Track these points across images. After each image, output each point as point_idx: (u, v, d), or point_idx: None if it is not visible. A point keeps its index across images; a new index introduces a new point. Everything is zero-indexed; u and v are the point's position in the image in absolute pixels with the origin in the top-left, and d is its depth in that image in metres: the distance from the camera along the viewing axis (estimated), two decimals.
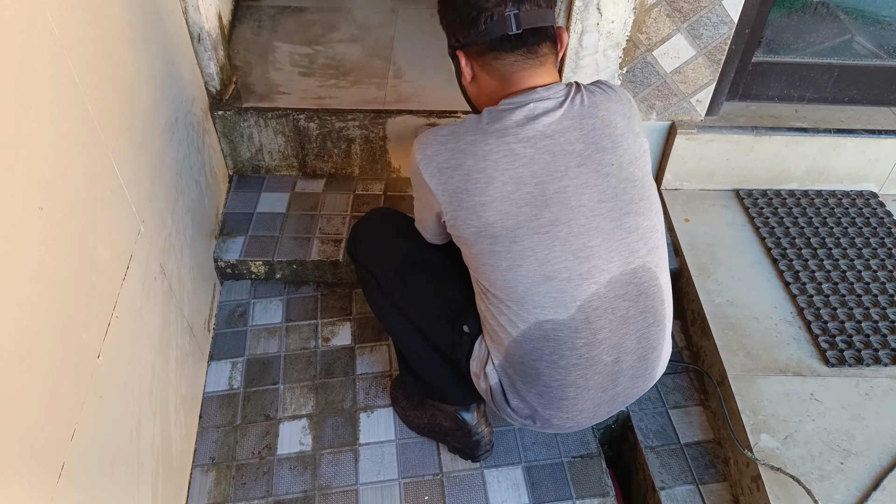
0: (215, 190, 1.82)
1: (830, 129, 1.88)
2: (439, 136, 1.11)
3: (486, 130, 1.07)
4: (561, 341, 1.11)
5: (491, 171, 1.06)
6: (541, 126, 1.07)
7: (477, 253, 1.11)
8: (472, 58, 1.13)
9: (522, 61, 1.09)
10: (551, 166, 1.06)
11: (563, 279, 1.08)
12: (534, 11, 1.07)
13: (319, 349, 1.69)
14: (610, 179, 1.09)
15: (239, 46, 2.11)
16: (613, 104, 1.12)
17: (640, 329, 1.15)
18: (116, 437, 1.08)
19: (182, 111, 1.56)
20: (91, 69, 1.06)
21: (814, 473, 1.33)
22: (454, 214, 1.10)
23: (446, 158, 1.08)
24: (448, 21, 1.14)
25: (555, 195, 1.06)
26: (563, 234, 1.07)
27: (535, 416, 1.20)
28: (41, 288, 0.88)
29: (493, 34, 1.07)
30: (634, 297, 1.13)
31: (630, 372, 1.18)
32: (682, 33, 1.68)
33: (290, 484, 1.43)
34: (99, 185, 1.07)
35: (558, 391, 1.15)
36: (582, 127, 1.08)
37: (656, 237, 1.15)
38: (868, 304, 1.63)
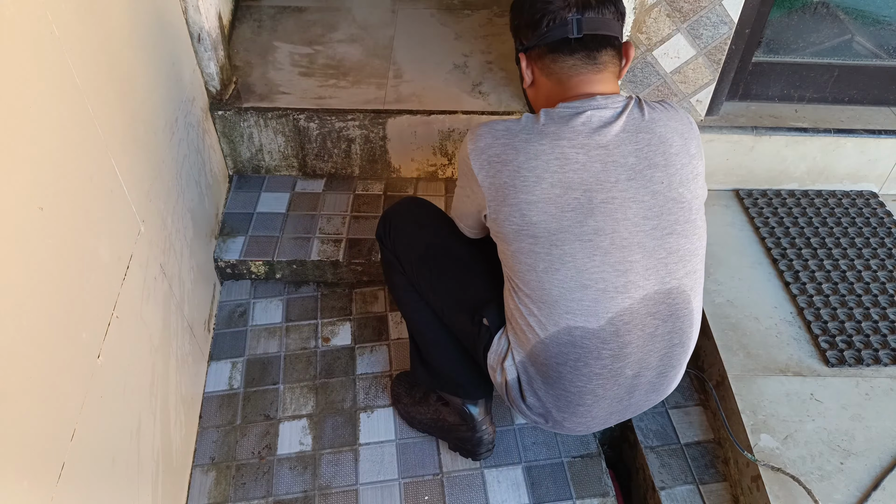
0: (215, 190, 1.82)
1: (830, 129, 1.88)
2: (494, 129, 1.11)
3: (541, 131, 1.08)
4: (587, 349, 1.11)
5: (541, 171, 1.06)
6: (596, 134, 1.07)
7: (515, 251, 1.11)
8: (533, 60, 1.15)
9: (581, 66, 1.11)
10: (601, 176, 1.07)
11: (599, 289, 1.08)
12: (597, 18, 1.09)
13: (319, 349, 1.69)
14: (658, 197, 1.09)
15: (239, 46, 2.11)
16: (673, 122, 1.12)
17: (664, 348, 1.16)
18: (116, 437, 1.08)
19: (182, 111, 1.56)
20: (91, 69, 1.06)
21: (814, 473, 1.33)
22: (497, 209, 1.10)
23: (498, 153, 1.09)
24: (515, 25, 1.17)
25: (601, 205, 1.06)
26: (605, 244, 1.07)
27: (547, 416, 1.21)
28: (41, 288, 0.88)
29: (554, 37, 1.09)
30: (665, 316, 1.13)
31: (647, 387, 1.19)
32: (682, 33, 1.68)
33: (290, 484, 1.43)
34: (99, 185, 1.07)
35: (576, 397, 1.16)
36: (637, 141, 1.09)
37: (695, 261, 1.15)
38: (868, 304, 1.63)
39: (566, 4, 1.09)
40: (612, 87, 1.14)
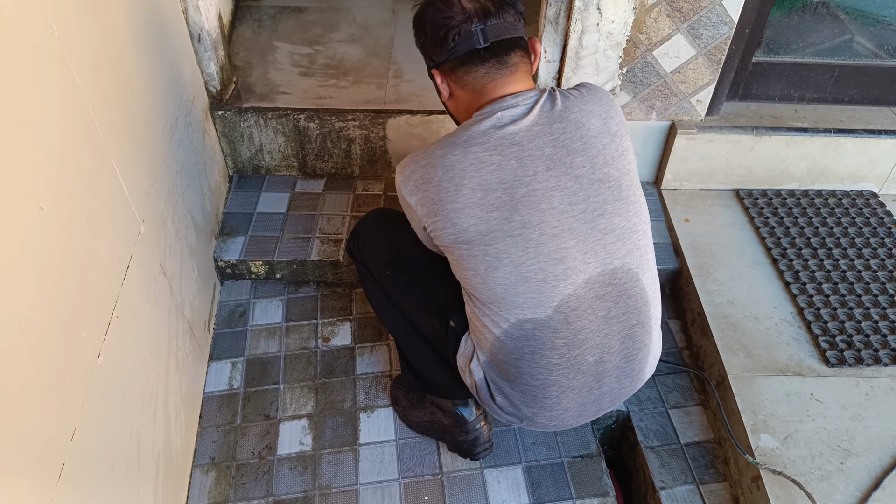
0: (215, 190, 1.82)
1: (830, 129, 1.88)
2: (415, 156, 1.16)
3: (453, 143, 1.11)
4: (541, 341, 1.13)
5: (459, 179, 1.09)
6: (507, 133, 1.10)
7: (457, 259, 1.15)
8: (447, 75, 1.18)
9: (493, 72, 1.14)
10: (519, 172, 1.09)
11: (540, 280, 1.10)
12: (500, 24, 1.12)
13: (319, 349, 1.69)
14: (581, 181, 1.10)
15: (239, 46, 2.11)
16: (589, 106, 1.14)
17: (623, 330, 1.17)
18: (116, 437, 1.08)
19: (182, 111, 1.56)
20: (91, 69, 1.06)
21: (814, 473, 1.33)
22: (433, 224, 1.14)
23: (420, 175, 1.13)
24: (422, 43, 1.19)
25: (523, 199, 1.09)
26: (534, 236, 1.09)
27: (519, 414, 1.23)
28: (41, 288, 0.88)
29: (463, 49, 1.12)
30: (615, 297, 1.14)
31: (615, 372, 1.20)
32: (683, 33, 1.68)
33: (290, 484, 1.43)
34: (99, 185, 1.07)
35: (540, 390, 1.17)
36: (552, 132, 1.11)
37: (636, 237, 1.16)
38: (868, 304, 1.63)
39: (467, 16, 1.11)
40: (524, 85, 1.16)
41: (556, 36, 1.72)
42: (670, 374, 1.64)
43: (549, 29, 1.71)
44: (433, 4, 1.14)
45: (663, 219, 1.91)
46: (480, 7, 1.11)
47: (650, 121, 1.87)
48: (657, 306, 1.23)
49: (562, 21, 1.69)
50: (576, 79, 1.77)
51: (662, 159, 1.95)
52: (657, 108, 1.84)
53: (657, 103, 1.83)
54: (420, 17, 1.17)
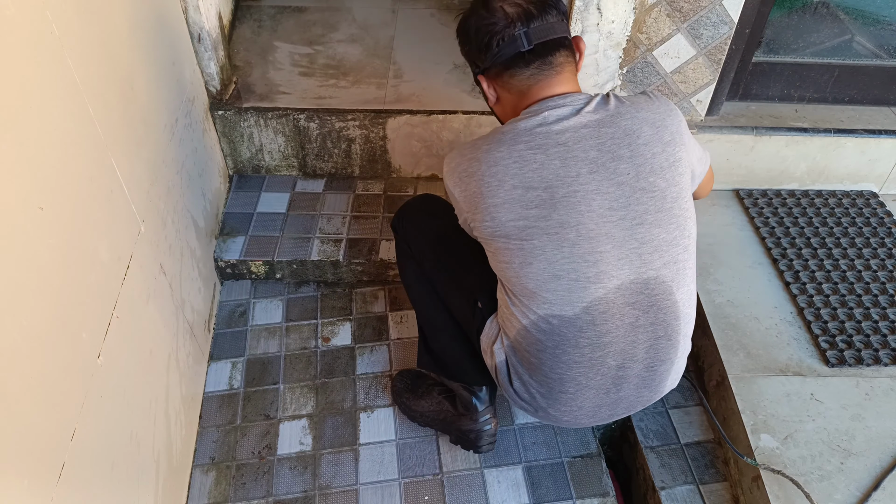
0: (215, 190, 1.82)
1: (830, 129, 1.88)
2: (462, 148, 1.18)
3: (500, 139, 1.12)
4: (564, 338, 1.14)
5: (502, 175, 1.10)
6: (554, 132, 1.10)
7: (494, 251, 1.16)
8: (493, 80, 1.19)
9: (538, 74, 1.14)
10: (561, 172, 1.09)
11: (572, 279, 1.11)
12: (543, 25, 1.12)
13: (319, 349, 1.69)
14: (624, 188, 1.10)
15: (239, 46, 2.11)
16: (643, 113, 1.13)
17: (649, 339, 1.16)
18: (116, 437, 1.08)
19: (182, 111, 1.56)
20: (91, 69, 1.06)
21: (814, 473, 1.33)
22: (473, 217, 1.15)
23: (465, 167, 1.15)
24: (467, 51, 1.21)
25: (563, 199, 1.09)
26: (571, 236, 1.09)
27: (534, 403, 1.23)
28: (41, 288, 0.88)
29: (507, 54, 1.13)
30: (645, 307, 1.14)
31: (636, 380, 1.20)
32: (683, 33, 1.68)
33: (290, 484, 1.43)
34: (99, 185, 1.07)
35: (558, 384, 1.18)
36: (599, 135, 1.11)
37: (675, 251, 1.14)
38: (868, 304, 1.63)
39: (510, 21, 1.11)
40: (571, 86, 1.17)
41: None
42: None
43: None
44: (476, 12, 1.15)
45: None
46: (523, 10, 1.12)
47: None
48: (688, 323, 1.21)
49: None
50: None
51: None
52: None
53: None
54: (463, 26, 1.18)
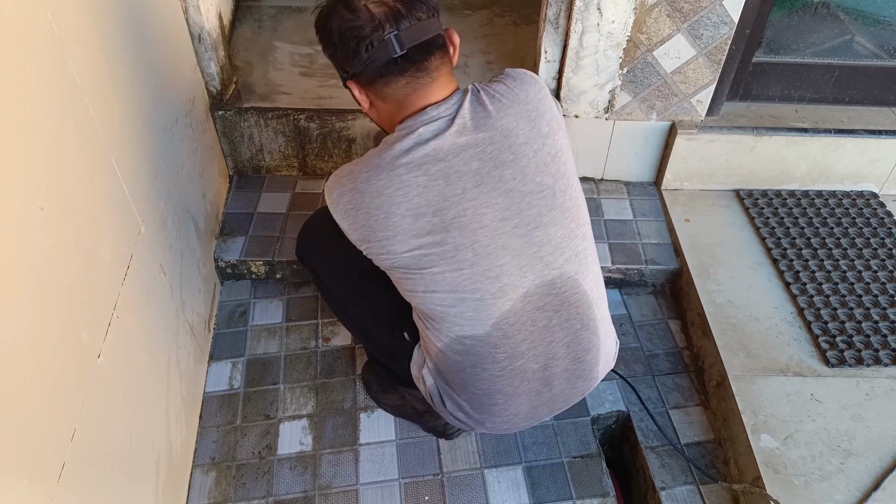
0: (216, 190, 1.82)
1: (831, 130, 1.87)
2: (340, 178, 1.09)
3: (377, 165, 1.05)
4: (480, 356, 1.13)
5: (387, 206, 1.04)
6: (431, 150, 1.03)
7: (398, 279, 1.14)
8: (365, 87, 1.09)
9: (413, 82, 1.05)
10: (447, 191, 1.04)
11: (476, 299, 1.08)
12: (415, 27, 1.02)
13: (320, 349, 1.69)
14: (513, 195, 1.05)
15: (239, 46, 2.11)
16: (515, 107, 1.07)
17: (567, 335, 1.15)
18: (117, 437, 1.08)
19: (182, 111, 1.56)
20: (91, 69, 1.06)
21: (814, 474, 1.33)
22: (367, 248, 1.10)
23: (348, 199, 1.07)
24: (331, 53, 1.09)
25: (454, 220, 1.04)
26: (468, 256, 1.05)
27: (469, 420, 1.23)
28: (41, 288, 0.88)
29: (379, 61, 1.03)
30: (556, 307, 1.12)
31: (564, 375, 1.19)
32: (683, 33, 1.68)
33: (290, 484, 1.43)
34: (99, 184, 1.07)
35: (486, 398, 1.17)
36: (478, 143, 1.04)
37: (574, 244, 1.12)
38: (868, 304, 1.63)
39: (377, 23, 1.00)
40: (447, 89, 1.08)
41: (556, 36, 1.72)
42: (670, 374, 1.64)
43: (550, 29, 1.71)
44: (337, 11, 1.03)
45: (663, 219, 1.91)
46: (390, 10, 1.01)
47: (650, 121, 1.87)
48: (602, 306, 1.20)
49: (562, 21, 1.68)
50: (576, 79, 1.77)
51: (663, 159, 1.95)
52: (657, 108, 1.84)
53: (657, 103, 1.83)
54: (325, 26, 1.06)
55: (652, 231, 1.88)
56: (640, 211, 1.94)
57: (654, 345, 1.71)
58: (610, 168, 1.98)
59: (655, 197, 1.97)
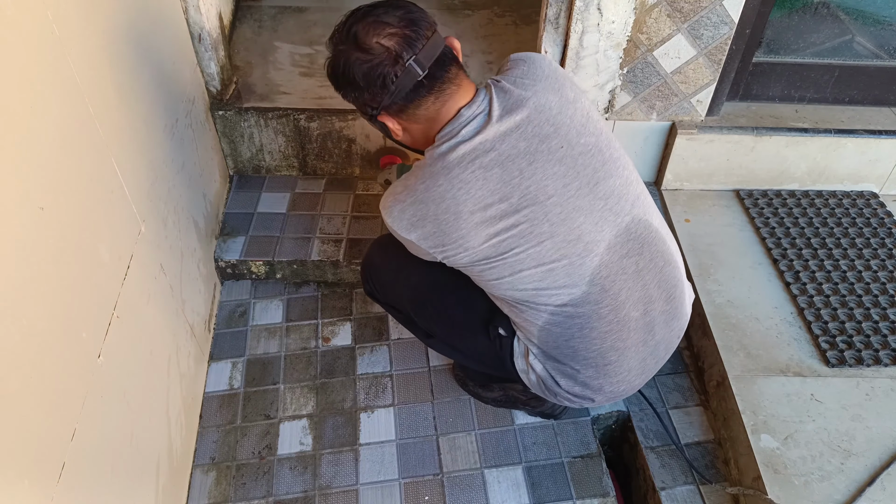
0: (216, 190, 1.82)
1: (831, 130, 1.87)
2: (397, 196, 1.12)
3: (432, 174, 1.09)
4: (586, 316, 1.15)
5: (454, 207, 1.08)
6: (478, 144, 1.07)
7: (479, 273, 1.15)
8: (395, 115, 1.12)
9: (441, 95, 1.09)
10: (505, 177, 1.07)
11: (565, 264, 1.11)
12: (427, 46, 1.05)
13: (320, 349, 1.69)
14: (566, 161, 1.10)
15: (239, 46, 2.11)
16: (538, 83, 1.12)
17: (655, 275, 1.19)
18: (117, 437, 1.08)
19: (182, 111, 1.56)
20: (92, 69, 1.06)
21: (814, 474, 1.33)
22: (444, 252, 1.13)
23: (412, 213, 1.11)
24: (356, 97, 1.11)
25: (521, 200, 1.08)
26: (545, 228, 1.09)
27: (588, 392, 1.24)
28: (42, 288, 0.88)
29: (406, 87, 1.06)
30: (638, 250, 1.16)
31: (662, 318, 1.22)
32: (683, 33, 1.68)
33: (290, 484, 1.43)
34: (99, 184, 1.07)
35: (599, 359, 1.19)
36: (517, 125, 1.08)
37: (632, 188, 1.17)
38: (868, 304, 1.63)
39: (395, 55, 1.04)
40: (469, 92, 1.12)
41: (556, 36, 1.72)
42: (671, 374, 1.64)
43: (550, 29, 1.70)
44: (352, 57, 1.05)
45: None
46: (402, 38, 1.04)
47: (651, 121, 1.87)
48: (672, 240, 1.25)
49: (562, 21, 1.68)
50: (576, 79, 1.77)
51: (663, 159, 1.95)
52: (658, 108, 1.84)
53: (658, 103, 1.83)
54: (345, 75, 1.08)
55: None
56: None
57: None
58: None
59: (655, 197, 1.97)
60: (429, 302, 1.34)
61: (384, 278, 1.40)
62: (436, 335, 1.39)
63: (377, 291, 1.43)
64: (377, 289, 1.43)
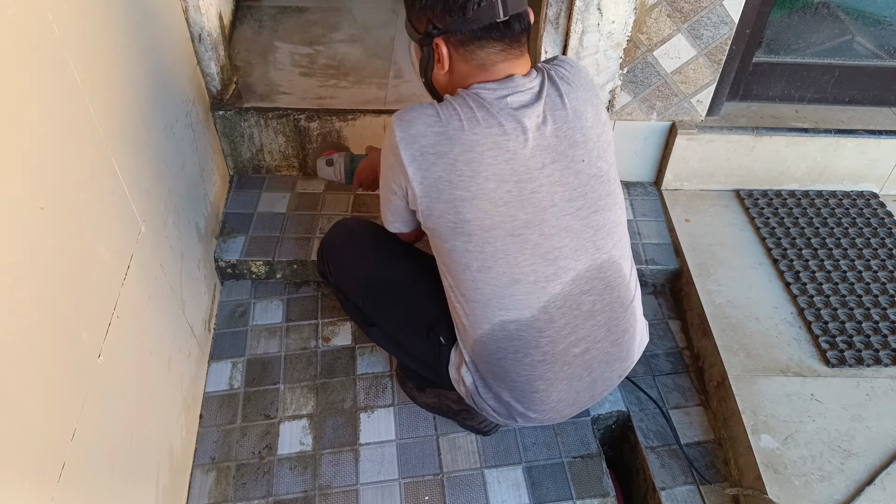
0: (216, 190, 1.82)
1: (831, 130, 1.87)
2: (425, 115, 1.03)
3: (472, 117, 1.01)
4: (524, 341, 1.12)
5: (476, 164, 1.01)
6: (522, 118, 1.03)
7: (450, 249, 1.08)
8: (454, 46, 1.05)
9: (508, 50, 1.06)
10: (530, 163, 1.04)
11: (531, 282, 1.08)
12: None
13: (320, 349, 1.69)
14: (581, 176, 1.08)
15: (240, 46, 2.11)
16: (581, 92, 1.09)
17: (608, 319, 1.17)
18: (117, 437, 1.08)
19: (183, 111, 1.56)
20: (92, 69, 1.06)
21: (814, 474, 1.33)
22: (430, 206, 1.05)
23: (432, 143, 1.01)
24: (423, 5, 1.05)
25: (531, 195, 1.05)
26: (534, 236, 1.06)
27: (512, 413, 1.22)
28: (42, 288, 0.88)
29: (482, 21, 1.01)
30: (600, 290, 1.14)
31: (604, 358, 1.19)
32: (683, 33, 1.68)
33: (290, 484, 1.43)
34: (100, 184, 1.07)
35: (527, 385, 1.16)
36: (556, 119, 1.06)
37: (620, 229, 1.16)
38: (869, 304, 1.63)
39: None
40: (528, 66, 1.10)
41: (556, 36, 1.72)
42: (671, 374, 1.64)
43: (550, 29, 1.70)
44: None
45: (664, 219, 1.91)
46: None
47: (651, 121, 1.87)
48: (637, 287, 1.23)
49: (562, 21, 1.68)
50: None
51: (663, 159, 1.95)
52: (658, 108, 1.84)
53: (658, 103, 1.83)
54: None
55: (652, 231, 1.88)
56: (641, 211, 1.94)
57: (654, 345, 1.71)
58: None
59: (656, 197, 1.97)
60: (379, 292, 1.30)
61: (340, 261, 1.35)
62: (378, 325, 1.35)
63: (330, 273, 1.39)
64: (330, 270, 1.38)
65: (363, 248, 1.30)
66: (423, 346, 1.29)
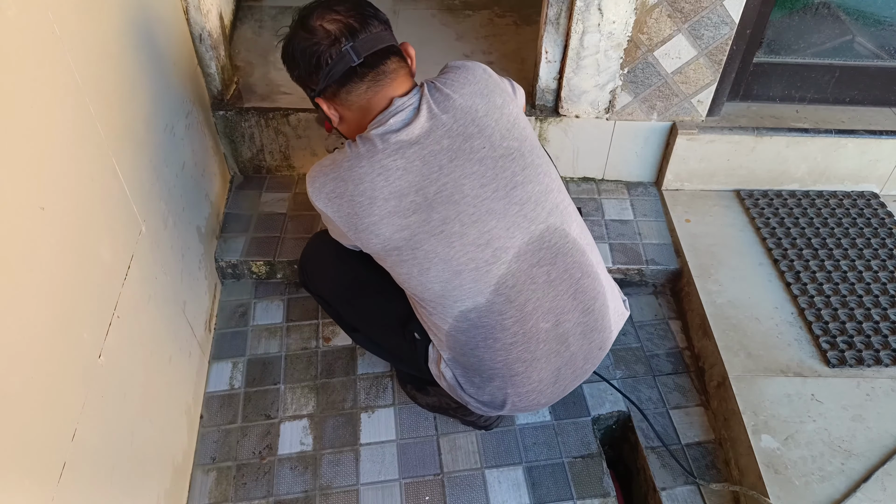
0: (216, 190, 1.82)
1: (831, 130, 1.87)
2: (322, 167, 1.15)
3: (358, 154, 1.11)
4: (489, 327, 1.15)
5: (370, 192, 1.10)
6: (404, 135, 1.10)
7: (391, 265, 1.17)
8: (331, 100, 1.17)
9: (374, 85, 1.13)
10: (424, 171, 1.10)
11: (472, 269, 1.12)
12: (369, 37, 1.11)
13: (320, 349, 1.69)
14: (486, 162, 1.12)
15: (240, 46, 2.11)
16: (466, 88, 1.14)
17: (570, 286, 1.18)
18: (117, 437, 1.09)
19: (183, 111, 1.56)
20: (92, 69, 1.07)
21: (815, 474, 1.33)
22: (356, 236, 1.14)
23: (332, 188, 1.12)
24: (297, 76, 1.18)
25: (437, 196, 1.10)
26: (456, 228, 1.10)
27: (497, 401, 1.23)
28: (42, 288, 0.88)
29: (339, 71, 1.11)
30: (550, 259, 1.16)
31: (578, 329, 1.21)
32: (684, 34, 1.68)
33: (290, 484, 1.43)
34: (100, 185, 1.07)
35: (505, 370, 1.19)
36: (444, 123, 1.11)
37: (552, 196, 1.17)
38: (869, 304, 1.63)
39: (333, 38, 1.10)
40: (407, 85, 1.16)
41: (556, 36, 1.72)
42: (671, 374, 1.64)
43: (550, 29, 1.71)
44: (297, 35, 1.13)
45: (664, 219, 1.91)
46: (344, 25, 1.10)
47: (651, 121, 1.87)
48: (595, 252, 1.24)
49: (563, 21, 1.69)
50: (577, 79, 1.77)
51: (663, 160, 1.95)
52: (658, 108, 1.84)
53: (658, 104, 1.83)
54: (288, 51, 1.16)
55: (652, 231, 1.88)
56: (641, 211, 1.94)
57: (654, 345, 1.71)
58: (610, 168, 1.98)
59: (656, 197, 1.97)
60: (353, 297, 1.37)
61: (314, 269, 1.42)
62: (361, 331, 1.42)
63: (309, 282, 1.45)
64: (309, 279, 1.44)
65: (333, 257, 1.35)
66: (400, 344, 1.33)
